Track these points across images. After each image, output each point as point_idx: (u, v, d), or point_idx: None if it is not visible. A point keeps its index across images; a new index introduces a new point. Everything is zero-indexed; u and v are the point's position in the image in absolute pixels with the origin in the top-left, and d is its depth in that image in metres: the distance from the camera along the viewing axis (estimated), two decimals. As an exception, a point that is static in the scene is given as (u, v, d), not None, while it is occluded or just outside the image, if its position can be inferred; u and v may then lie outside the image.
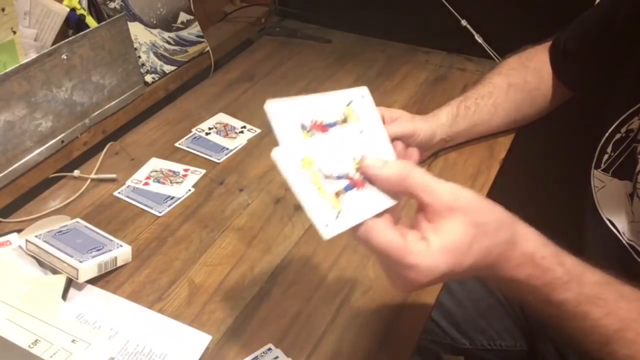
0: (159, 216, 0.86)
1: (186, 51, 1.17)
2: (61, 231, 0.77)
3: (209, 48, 1.21)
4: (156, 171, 0.94)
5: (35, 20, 0.91)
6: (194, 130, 1.04)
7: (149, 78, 1.09)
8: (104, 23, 0.97)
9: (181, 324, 0.69)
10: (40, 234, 0.75)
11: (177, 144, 1.00)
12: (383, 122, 0.53)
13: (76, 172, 0.93)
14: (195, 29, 1.20)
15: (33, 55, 0.87)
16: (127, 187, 0.91)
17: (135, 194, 0.89)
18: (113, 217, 0.85)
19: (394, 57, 1.28)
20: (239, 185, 0.92)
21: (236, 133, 1.03)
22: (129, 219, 0.85)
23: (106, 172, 0.93)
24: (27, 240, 0.75)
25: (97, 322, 0.69)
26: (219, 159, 0.97)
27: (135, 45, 1.06)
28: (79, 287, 0.73)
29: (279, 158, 0.45)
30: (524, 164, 1.15)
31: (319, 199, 0.46)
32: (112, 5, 1.03)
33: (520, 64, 0.95)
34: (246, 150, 0.99)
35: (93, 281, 0.74)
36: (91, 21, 0.98)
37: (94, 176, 0.93)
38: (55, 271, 0.73)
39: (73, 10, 0.95)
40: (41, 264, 0.75)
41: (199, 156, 0.98)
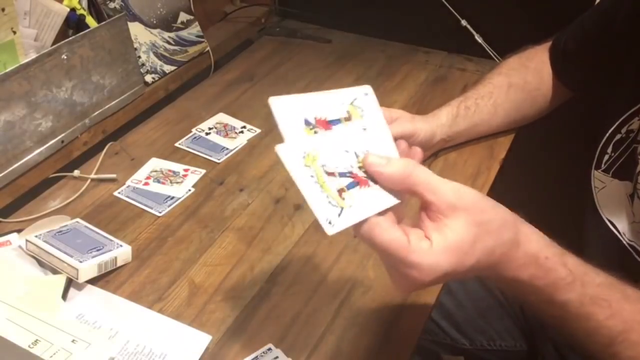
0: (159, 216, 0.86)
1: (186, 51, 1.17)
2: (61, 231, 0.77)
3: (209, 48, 1.21)
4: (156, 171, 0.94)
5: (35, 20, 0.91)
6: (194, 130, 1.04)
7: (149, 78, 1.09)
8: (104, 23, 0.97)
9: (181, 324, 0.69)
10: (40, 234, 0.75)
11: (177, 144, 1.00)
12: None
13: (76, 172, 0.93)
14: (195, 29, 1.20)
15: (33, 55, 0.87)
16: (127, 187, 0.91)
17: (135, 194, 0.89)
18: (113, 217, 0.85)
19: (394, 57, 1.28)
20: (239, 185, 0.92)
21: (236, 133, 1.03)
22: (129, 219, 0.85)
23: (106, 172, 0.93)
24: (27, 240, 0.75)
25: (97, 322, 0.69)
26: (219, 159, 0.97)
27: (135, 45, 1.06)
28: (79, 287, 0.73)
29: (282, 153, 0.45)
30: (524, 164, 1.15)
31: (322, 196, 0.46)
32: (112, 5, 1.03)
33: (520, 64, 0.95)
34: (246, 150, 0.99)
35: (93, 281, 0.74)
36: (91, 21, 0.98)
37: (94, 176, 0.93)
38: (55, 271, 0.73)
39: (73, 10, 0.95)
40: (41, 264, 0.75)
41: (199, 156, 0.98)
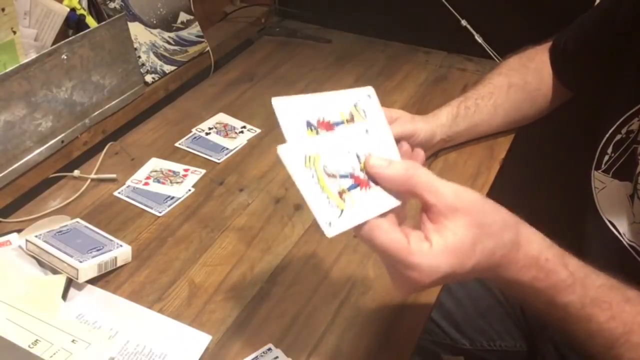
0: (159, 216, 0.86)
1: (186, 51, 1.17)
2: (61, 231, 0.77)
3: (209, 48, 1.21)
4: (156, 171, 0.94)
5: (35, 20, 0.91)
6: (194, 130, 1.04)
7: (149, 78, 1.09)
8: (104, 23, 0.97)
9: (181, 324, 0.69)
10: (40, 234, 0.75)
11: (177, 144, 1.00)
12: None
13: (76, 172, 0.93)
14: (195, 29, 1.20)
15: (33, 55, 0.87)
16: (127, 187, 0.91)
17: (135, 194, 0.89)
18: (113, 217, 0.85)
19: (394, 57, 1.28)
20: (239, 185, 0.92)
21: (236, 133, 1.03)
22: (129, 219, 0.85)
23: (106, 172, 0.93)
24: (27, 240, 0.75)
25: (97, 322, 0.69)
26: (219, 159, 0.97)
27: (135, 45, 1.06)
28: (79, 287, 0.73)
29: (284, 155, 0.45)
30: (524, 164, 1.15)
31: (322, 197, 0.46)
32: (112, 5, 1.03)
33: (520, 65, 0.95)
34: (246, 150, 0.99)
35: (93, 281, 0.74)
36: (91, 21, 0.98)
37: (94, 176, 0.93)
38: (55, 271, 0.73)
39: (73, 10, 0.95)
40: (41, 264, 0.75)
41: (199, 156, 0.98)
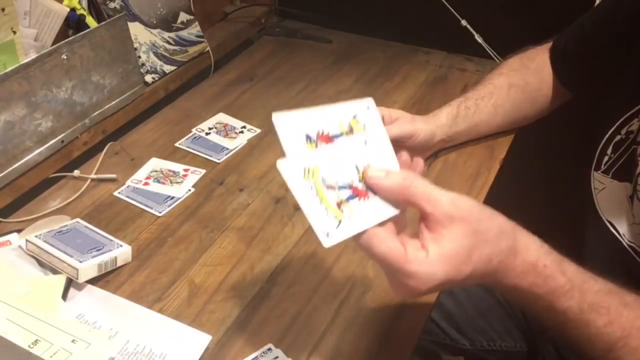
0: (159, 216, 0.86)
1: (186, 51, 1.17)
2: (61, 231, 0.77)
3: (209, 48, 1.21)
4: (156, 171, 0.94)
5: (35, 20, 0.91)
6: (194, 130, 1.04)
7: (149, 78, 1.09)
8: (104, 23, 0.97)
9: (181, 324, 0.69)
10: (40, 234, 0.75)
11: (177, 144, 1.00)
12: (383, 123, 0.53)
13: (76, 172, 0.93)
14: (195, 29, 1.20)
15: (33, 55, 0.87)
16: (127, 187, 0.91)
17: (135, 194, 0.89)
18: (113, 217, 0.85)
19: (394, 57, 1.28)
20: (239, 185, 0.92)
21: (236, 133, 1.03)
22: (129, 219, 0.85)
23: (106, 172, 0.93)
24: (27, 240, 0.75)
25: (97, 322, 0.69)
26: (219, 159, 0.97)
27: (135, 45, 1.06)
28: (79, 287, 0.73)
29: (283, 169, 0.46)
30: (524, 164, 1.15)
31: (320, 208, 0.47)
32: (112, 5, 1.03)
33: (521, 65, 0.95)
34: (246, 150, 0.99)
35: (93, 281, 0.74)
36: (91, 21, 0.98)
37: (94, 176, 0.93)
38: (55, 271, 0.73)
39: (73, 10, 0.95)
40: (41, 264, 0.75)
41: (199, 156, 0.98)
